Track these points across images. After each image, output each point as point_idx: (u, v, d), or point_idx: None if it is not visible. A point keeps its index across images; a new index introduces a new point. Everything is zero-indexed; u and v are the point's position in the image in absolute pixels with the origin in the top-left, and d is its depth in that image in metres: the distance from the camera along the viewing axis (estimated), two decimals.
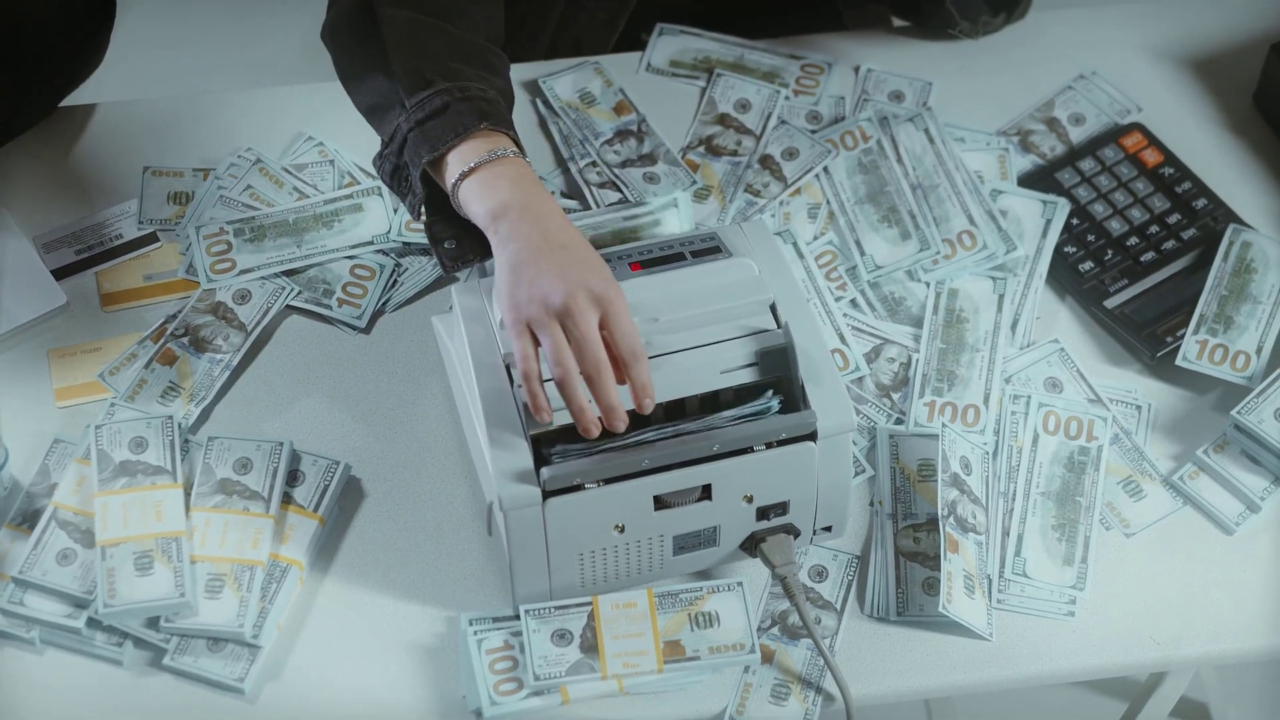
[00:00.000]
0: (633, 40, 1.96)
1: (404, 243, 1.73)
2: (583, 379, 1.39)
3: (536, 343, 1.40)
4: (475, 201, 1.47)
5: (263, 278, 1.69)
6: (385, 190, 1.75)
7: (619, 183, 1.78)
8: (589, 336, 1.38)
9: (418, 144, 1.50)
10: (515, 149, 1.50)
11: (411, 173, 1.52)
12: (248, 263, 1.70)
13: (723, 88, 1.87)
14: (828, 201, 1.78)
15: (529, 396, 1.40)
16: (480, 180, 1.47)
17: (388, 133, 1.55)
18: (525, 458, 1.40)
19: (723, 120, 1.85)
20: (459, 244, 1.56)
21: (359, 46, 1.59)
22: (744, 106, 1.85)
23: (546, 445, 1.41)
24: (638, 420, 1.43)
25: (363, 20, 1.58)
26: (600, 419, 1.40)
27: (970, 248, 1.71)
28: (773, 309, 1.48)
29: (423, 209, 1.55)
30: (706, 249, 1.50)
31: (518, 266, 1.42)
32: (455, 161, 1.49)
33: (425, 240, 1.65)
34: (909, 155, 1.79)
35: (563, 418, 1.41)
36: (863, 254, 1.73)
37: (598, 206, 1.76)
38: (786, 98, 1.87)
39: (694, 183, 1.78)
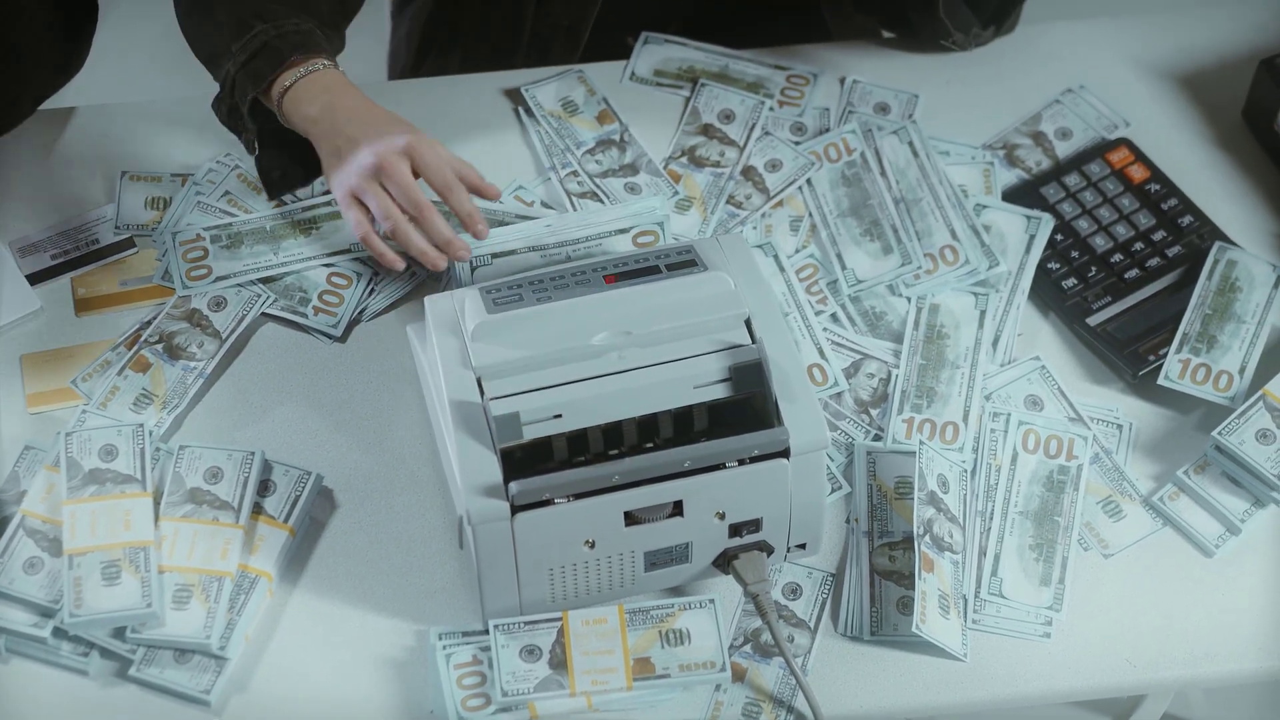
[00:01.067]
0: (619, 48, 1.95)
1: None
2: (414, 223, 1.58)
3: (366, 210, 1.60)
4: (295, 114, 1.64)
5: (239, 285, 1.68)
6: None
7: (600, 193, 1.76)
8: (404, 183, 1.57)
9: (244, 83, 1.65)
10: (326, 63, 1.65)
11: (242, 109, 1.67)
12: (224, 269, 1.68)
13: (707, 98, 1.86)
14: (810, 214, 1.76)
15: (375, 253, 1.60)
16: (296, 94, 1.63)
17: (221, 77, 1.69)
18: (494, 471, 1.39)
19: (706, 131, 1.83)
20: (284, 172, 1.74)
21: (191, 1, 1.73)
22: (728, 117, 1.84)
23: (517, 464, 1.40)
24: (611, 440, 1.42)
25: None
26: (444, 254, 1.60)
27: (952, 263, 1.70)
28: (748, 324, 1.46)
29: (255, 143, 1.70)
30: (682, 262, 1.49)
31: (334, 152, 1.60)
32: (276, 89, 1.64)
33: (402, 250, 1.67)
34: (892, 168, 1.78)
35: (531, 432, 1.40)
36: (844, 267, 1.71)
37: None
38: (771, 109, 1.85)
39: (676, 194, 1.77)
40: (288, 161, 1.74)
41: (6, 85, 1.77)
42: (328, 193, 1.75)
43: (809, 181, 1.78)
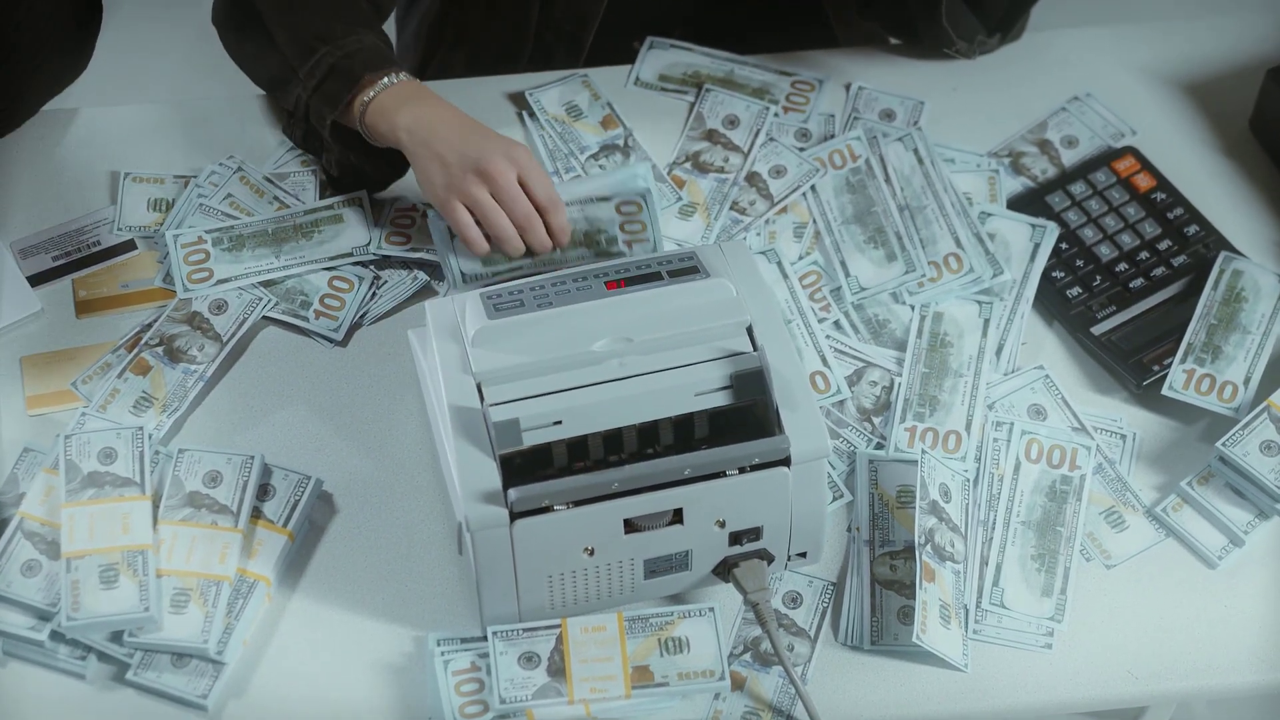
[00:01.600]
0: (624, 52, 1.94)
1: (383, 255, 1.71)
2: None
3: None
4: (383, 125, 1.64)
5: (239, 287, 1.67)
6: (366, 201, 1.73)
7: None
8: (514, 194, 1.59)
9: (320, 107, 1.67)
10: (400, 75, 1.67)
11: (322, 132, 1.69)
12: (225, 272, 1.68)
13: (711, 103, 1.85)
14: (814, 220, 1.76)
15: (476, 247, 1.60)
16: (381, 107, 1.65)
17: (290, 102, 1.71)
18: (494, 478, 1.38)
19: (710, 136, 1.83)
20: (358, 179, 1.76)
21: (243, 28, 1.74)
22: (733, 122, 1.84)
23: (516, 470, 1.40)
24: (611, 447, 1.42)
25: (240, 3, 1.72)
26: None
27: (956, 270, 1.69)
28: (749, 331, 1.46)
29: (336, 164, 1.73)
30: (684, 269, 1.48)
31: (435, 157, 1.61)
32: (357, 106, 1.66)
33: (405, 253, 1.71)
34: (897, 175, 1.77)
35: (531, 439, 1.39)
36: (848, 275, 1.71)
37: None
38: (776, 114, 1.85)
39: (679, 199, 1.76)
40: (362, 169, 1.74)
41: (10, 86, 1.76)
42: (330, 194, 1.75)
43: (813, 188, 1.78)
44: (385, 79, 1.65)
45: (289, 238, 1.71)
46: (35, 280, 1.70)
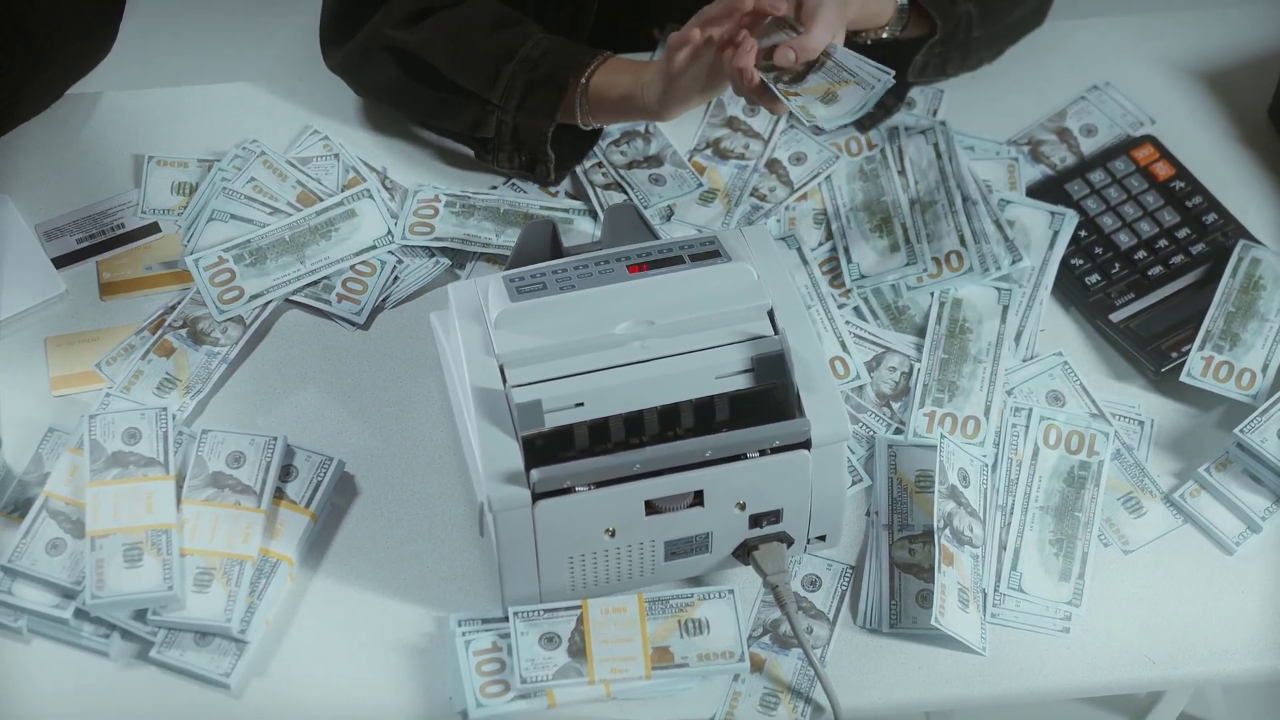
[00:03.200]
0: (645, 40, 1.94)
1: (407, 246, 1.71)
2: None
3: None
4: (608, 115, 1.71)
5: (272, 300, 1.67)
6: (377, 192, 1.74)
7: (624, 184, 1.77)
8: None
9: (532, 124, 1.71)
10: (599, 58, 1.70)
11: (543, 146, 1.72)
12: (255, 287, 1.68)
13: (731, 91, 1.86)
14: (825, 205, 1.76)
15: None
16: (601, 91, 1.69)
17: (490, 130, 1.73)
18: (516, 459, 1.39)
19: (730, 123, 1.83)
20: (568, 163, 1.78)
21: (402, 76, 1.76)
22: (752, 110, 1.84)
23: (538, 452, 1.41)
24: (632, 429, 1.43)
25: (392, 54, 1.74)
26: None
27: (956, 269, 1.69)
28: (770, 315, 1.46)
29: (553, 170, 1.75)
30: (705, 253, 1.49)
31: (665, 85, 1.63)
32: (569, 106, 1.70)
33: (430, 243, 1.72)
34: (913, 168, 1.78)
35: (553, 420, 1.41)
36: (849, 260, 1.71)
37: (602, 208, 1.75)
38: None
39: (700, 185, 1.77)
40: (562, 156, 1.77)
41: (34, 69, 1.77)
42: (352, 180, 1.76)
43: (829, 175, 1.78)
44: (586, 72, 1.69)
45: (309, 241, 1.71)
46: (60, 262, 1.71)
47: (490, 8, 1.76)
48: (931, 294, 1.69)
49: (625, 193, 1.76)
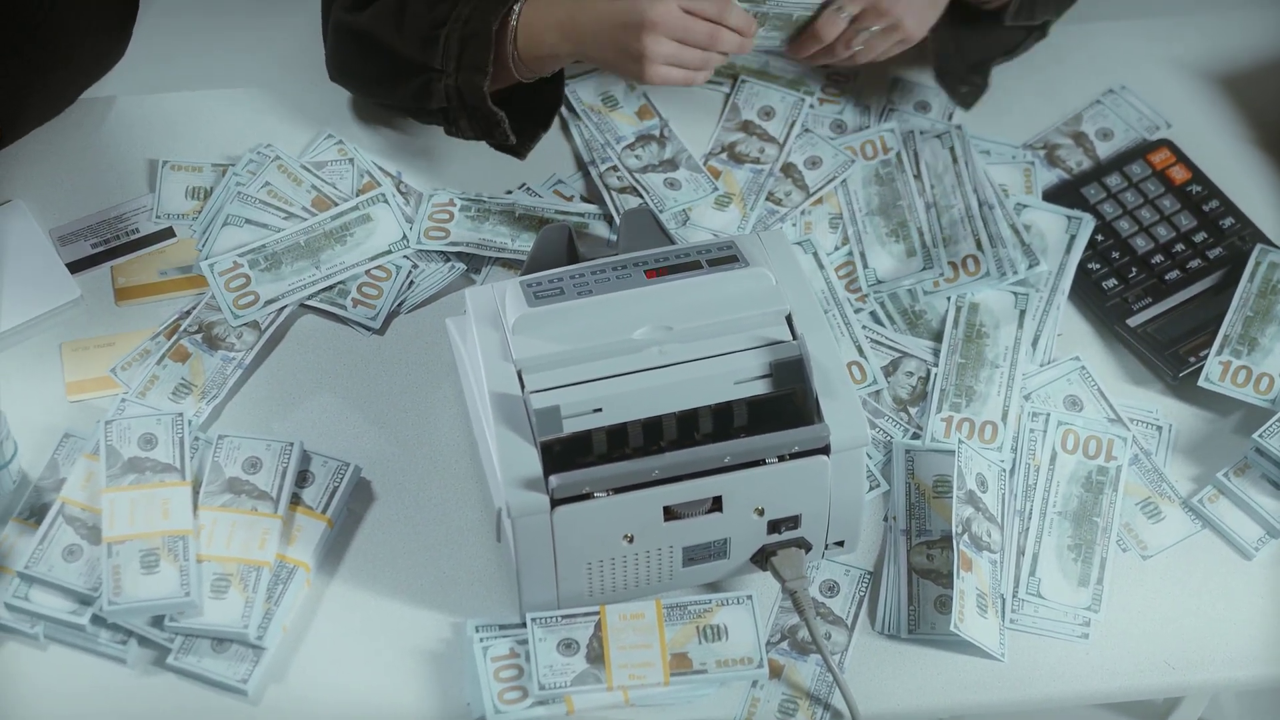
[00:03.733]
0: None
1: (422, 251, 1.71)
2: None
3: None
4: (537, 52, 1.67)
5: (287, 305, 1.67)
6: (391, 196, 1.73)
7: (639, 188, 1.76)
8: (686, 26, 1.61)
9: (471, 80, 1.67)
10: (518, 3, 1.66)
11: (484, 103, 1.68)
12: (270, 292, 1.67)
13: (747, 94, 1.85)
14: (841, 210, 1.76)
15: (691, 81, 1.64)
16: (530, 41, 1.66)
17: (441, 98, 1.70)
18: (534, 465, 1.39)
19: (746, 127, 1.83)
20: (531, 133, 1.76)
21: (362, 59, 1.75)
22: (768, 114, 1.84)
23: (556, 458, 1.40)
24: (651, 435, 1.42)
25: (349, 38, 1.75)
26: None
27: (973, 273, 1.69)
28: (789, 320, 1.46)
29: (509, 128, 1.71)
30: (723, 258, 1.49)
31: (600, 50, 1.63)
32: (501, 58, 1.67)
33: (446, 248, 1.71)
34: (929, 172, 1.77)
35: (571, 426, 1.40)
36: (865, 265, 1.71)
37: (618, 212, 1.74)
38: (811, 105, 1.85)
39: (715, 189, 1.77)
40: (527, 124, 1.76)
41: (48, 74, 1.77)
42: (367, 185, 1.75)
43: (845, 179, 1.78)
44: (512, 16, 1.66)
45: (324, 245, 1.71)
46: (74, 267, 1.71)
47: None
48: (948, 298, 1.69)
49: (640, 197, 1.76)
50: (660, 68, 1.62)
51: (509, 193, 1.77)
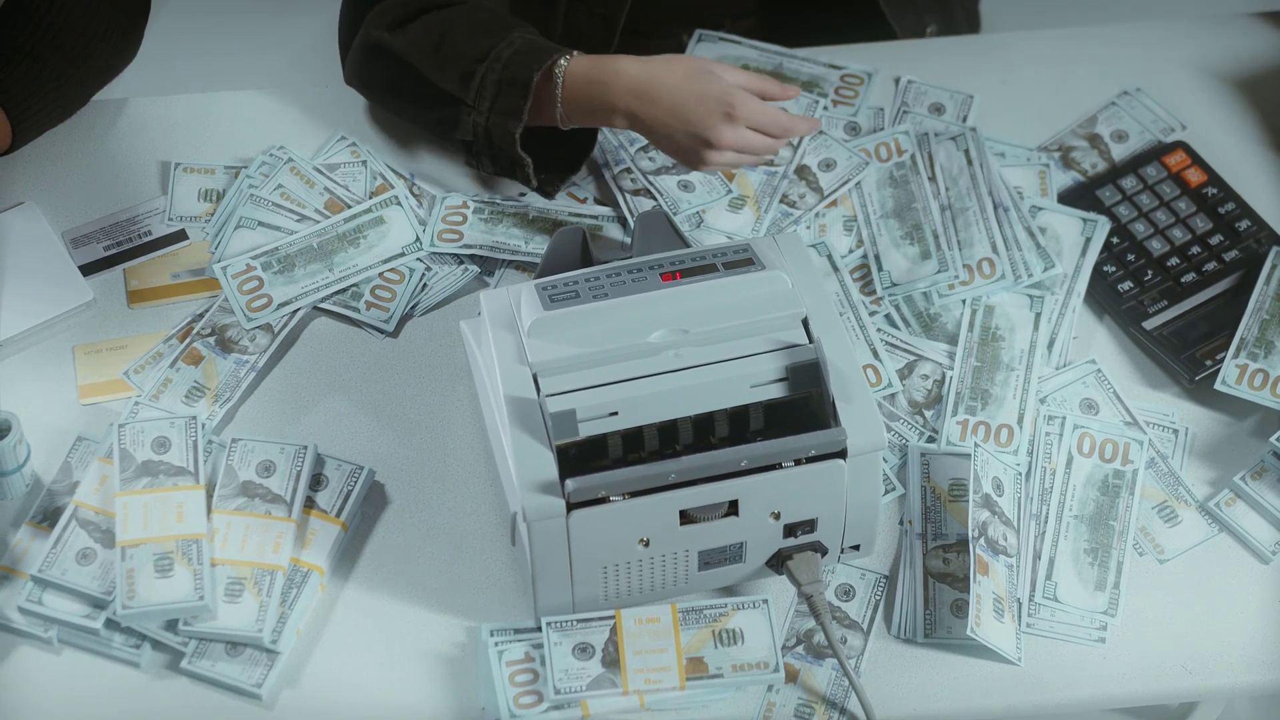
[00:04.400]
0: (674, 47, 1.94)
1: (435, 254, 1.71)
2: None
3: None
4: (588, 115, 1.67)
5: (300, 308, 1.66)
6: (405, 199, 1.73)
7: (653, 190, 1.76)
8: (754, 143, 1.64)
9: (501, 125, 1.67)
10: (566, 56, 1.66)
11: (513, 148, 1.69)
12: (283, 295, 1.67)
13: None
14: (856, 212, 1.75)
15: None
16: (571, 97, 1.66)
17: (468, 132, 1.70)
18: (550, 468, 1.38)
19: None
20: (559, 175, 1.78)
21: (392, 78, 1.74)
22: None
23: (571, 461, 1.40)
24: (667, 438, 1.42)
25: (381, 56, 1.73)
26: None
27: (989, 276, 1.68)
28: (805, 323, 1.45)
29: (533, 174, 1.72)
30: (739, 261, 1.48)
31: (662, 139, 1.64)
32: (541, 105, 1.67)
33: (459, 250, 1.71)
34: (944, 174, 1.77)
35: (587, 429, 1.40)
36: (880, 268, 1.70)
37: (632, 214, 1.74)
38: (825, 108, 1.84)
39: (729, 192, 1.76)
40: (556, 165, 1.77)
41: (60, 76, 1.77)
42: (380, 188, 1.75)
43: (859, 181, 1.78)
44: (555, 74, 1.65)
45: (336, 248, 1.70)
46: (87, 270, 1.71)
47: (477, 11, 1.74)
48: (963, 301, 1.68)
49: (654, 198, 1.75)
50: (725, 154, 1.63)
51: (522, 195, 1.77)
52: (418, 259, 1.70)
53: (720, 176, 1.77)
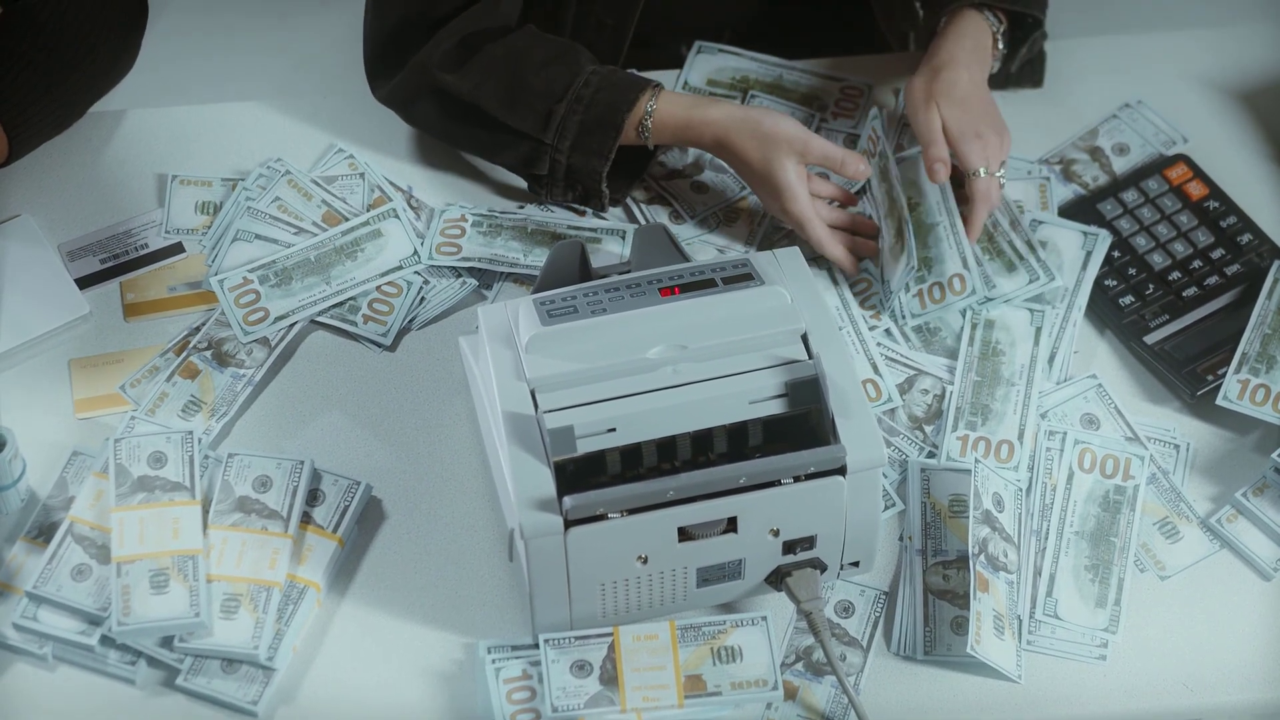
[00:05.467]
0: (673, 57, 1.93)
1: (434, 266, 1.70)
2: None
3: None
4: (678, 142, 1.73)
5: (297, 322, 1.66)
6: (403, 211, 1.72)
7: (668, 196, 1.76)
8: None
9: (586, 163, 1.71)
10: (652, 98, 1.69)
11: (598, 185, 1.72)
12: (280, 309, 1.66)
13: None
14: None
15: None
16: (659, 136, 1.71)
17: (544, 168, 1.72)
18: (548, 485, 1.38)
19: None
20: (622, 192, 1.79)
21: (456, 119, 1.74)
22: None
23: (569, 478, 1.39)
24: (665, 455, 1.41)
25: (443, 98, 1.72)
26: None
27: (960, 292, 1.66)
28: (804, 339, 1.45)
29: (607, 200, 1.75)
30: (738, 276, 1.47)
31: (749, 181, 1.70)
32: (634, 136, 1.71)
33: (458, 263, 1.70)
34: (911, 188, 1.74)
35: (585, 446, 1.39)
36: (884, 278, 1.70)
37: (647, 221, 1.74)
38: (825, 120, 1.84)
39: (744, 189, 1.76)
40: (619, 173, 1.77)
41: (57, 87, 1.76)
42: (378, 200, 1.74)
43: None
44: (643, 117, 1.69)
45: (334, 261, 1.70)
46: (83, 283, 1.70)
47: (537, 41, 1.74)
48: (963, 314, 1.68)
49: (670, 204, 1.75)
50: (800, 197, 1.68)
51: (521, 207, 1.76)
52: (415, 272, 1.70)
53: (735, 177, 1.76)
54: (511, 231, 1.72)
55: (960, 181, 1.71)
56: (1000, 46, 1.77)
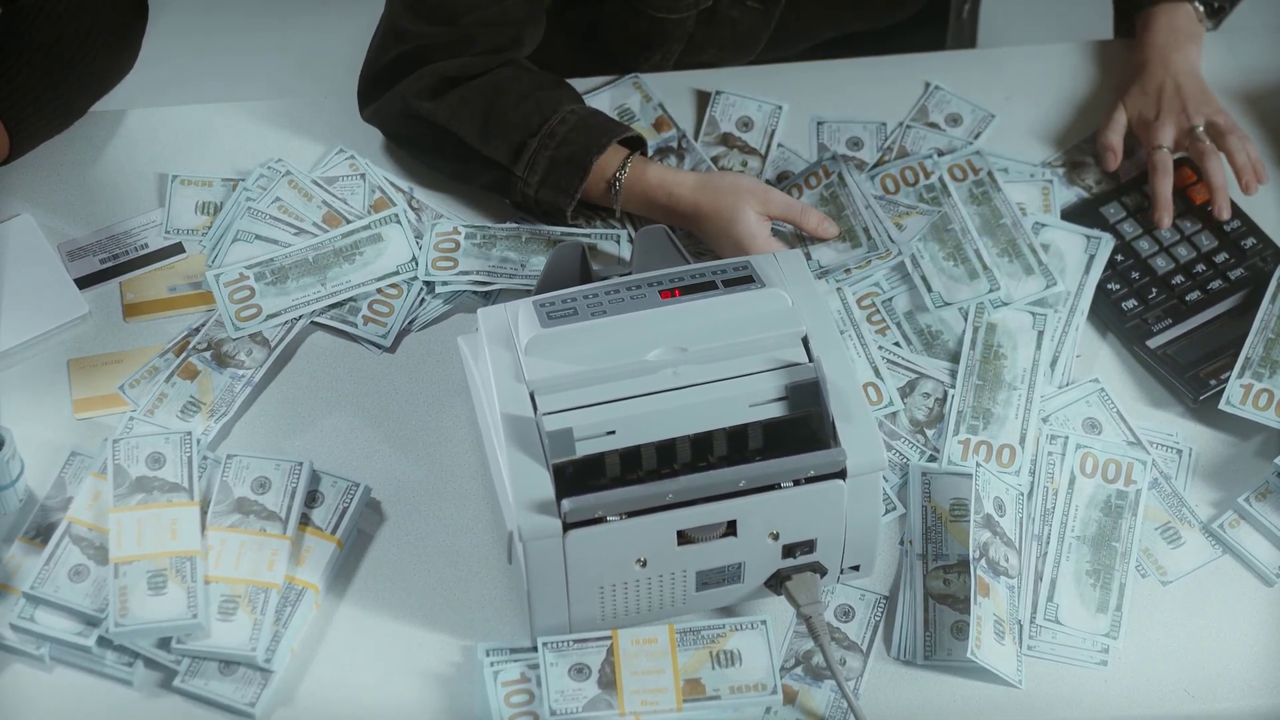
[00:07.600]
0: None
1: (428, 281, 1.69)
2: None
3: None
4: (637, 209, 1.73)
5: (289, 320, 1.65)
6: (404, 217, 1.72)
7: None
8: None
9: (554, 198, 1.70)
10: (623, 167, 1.70)
11: (563, 218, 1.71)
12: (273, 306, 1.66)
13: (723, 106, 1.83)
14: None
15: None
16: (627, 203, 1.71)
17: (516, 196, 1.72)
18: (546, 487, 1.37)
19: (726, 140, 1.81)
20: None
21: (434, 143, 1.74)
22: (746, 125, 1.82)
23: (568, 480, 1.39)
24: (665, 458, 1.40)
25: (420, 123, 1.72)
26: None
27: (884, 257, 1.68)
28: (805, 342, 1.44)
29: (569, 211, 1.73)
30: (739, 278, 1.47)
31: (726, 243, 1.67)
32: (595, 189, 1.71)
33: (454, 277, 1.70)
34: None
35: (584, 448, 1.39)
36: (809, 257, 1.69)
37: (635, 229, 1.73)
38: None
39: None
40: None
41: (57, 87, 1.76)
42: (378, 201, 1.74)
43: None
44: (616, 173, 1.69)
45: (331, 263, 1.69)
46: (83, 283, 1.70)
47: (519, 76, 1.73)
48: (965, 317, 1.67)
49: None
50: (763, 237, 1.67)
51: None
52: (413, 278, 1.69)
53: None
54: (507, 242, 1.71)
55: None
56: (1204, 22, 1.85)
